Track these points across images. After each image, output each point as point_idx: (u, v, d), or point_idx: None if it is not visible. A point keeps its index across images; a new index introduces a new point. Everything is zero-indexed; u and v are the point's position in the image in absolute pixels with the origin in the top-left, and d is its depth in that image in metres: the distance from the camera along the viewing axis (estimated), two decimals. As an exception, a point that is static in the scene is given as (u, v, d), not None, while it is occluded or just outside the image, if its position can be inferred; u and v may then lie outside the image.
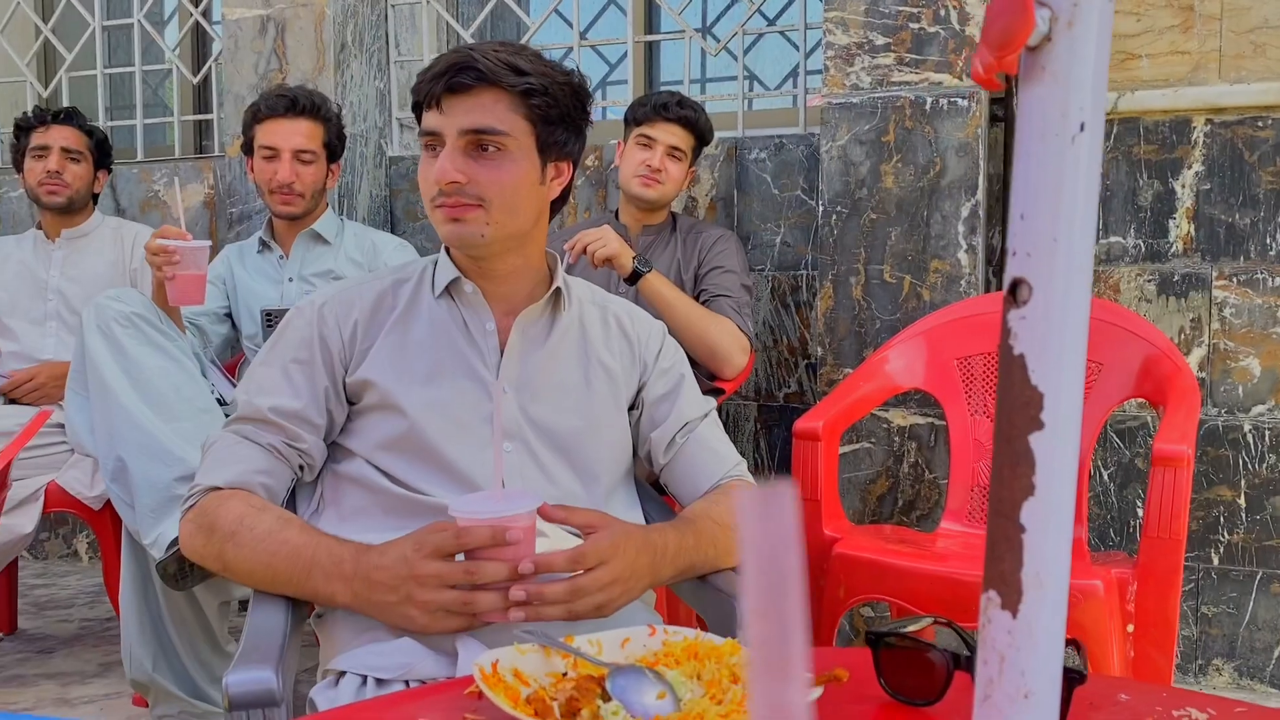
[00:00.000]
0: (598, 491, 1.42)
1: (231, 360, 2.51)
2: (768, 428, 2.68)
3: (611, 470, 1.44)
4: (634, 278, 2.13)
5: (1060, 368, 0.45)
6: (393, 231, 2.98)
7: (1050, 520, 0.47)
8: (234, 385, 2.17)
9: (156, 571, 1.81)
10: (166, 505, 1.84)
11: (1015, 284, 0.45)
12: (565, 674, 0.82)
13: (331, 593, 1.18)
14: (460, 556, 1.12)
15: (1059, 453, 0.46)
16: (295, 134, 2.34)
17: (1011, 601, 0.47)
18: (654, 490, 1.59)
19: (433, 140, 1.27)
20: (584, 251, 2.12)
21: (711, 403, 1.55)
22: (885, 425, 2.33)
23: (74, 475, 2.38)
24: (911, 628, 0.86)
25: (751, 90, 2.82)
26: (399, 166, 2.99)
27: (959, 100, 2.26)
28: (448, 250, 1.43)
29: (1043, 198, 0.45)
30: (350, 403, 1.37)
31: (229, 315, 2.47)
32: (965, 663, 0.80)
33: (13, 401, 2.53)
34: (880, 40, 2.30)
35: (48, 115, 2.63)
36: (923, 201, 2.29)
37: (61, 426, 2.54)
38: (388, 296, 1.40)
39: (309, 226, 2.45)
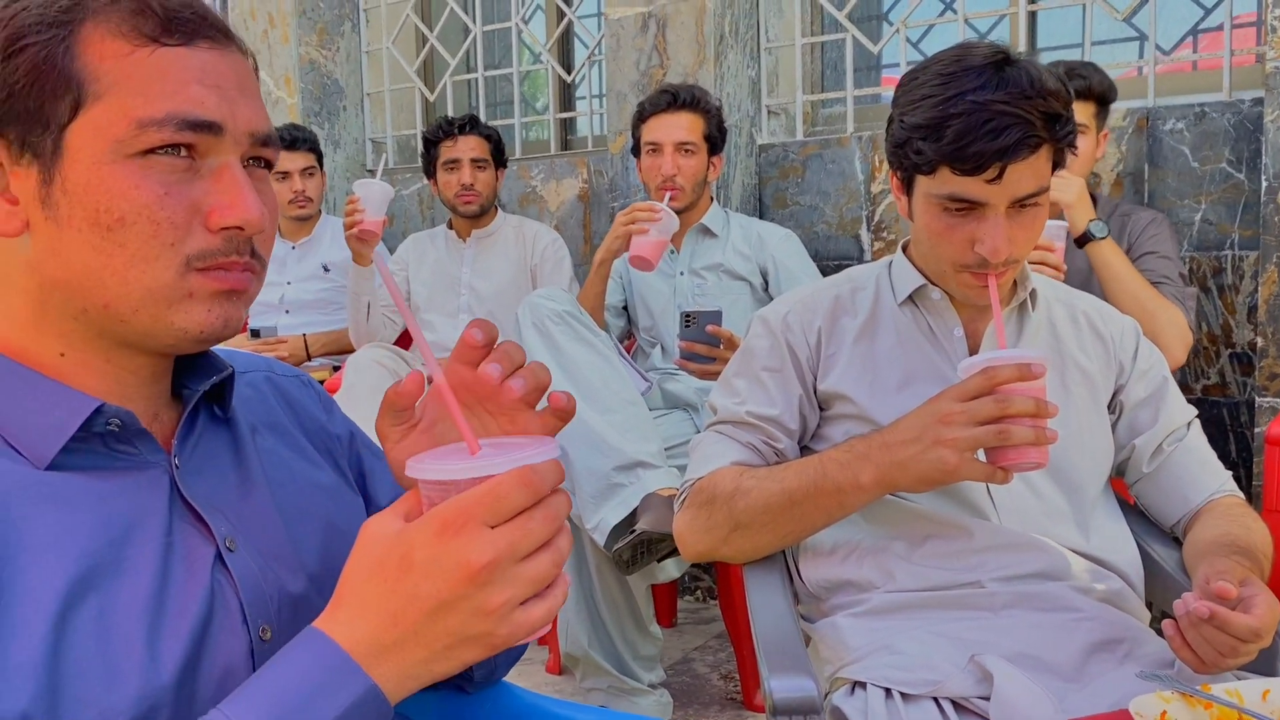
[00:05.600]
0: (1082, 504, 1.36)
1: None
2: (1179, 422, 2.47)
3: (1094, 480, 1.38)
4: (1083, 240, 1.97)
5: None
6: (761, 219, 2.99)
7: None
8: (643, 377, 2.26)
9: (610, 557, 1.92)
10: (606, 493, 1.95)
11: None
12: (1218, 727, 0.77)
13: (854, 476, 1.20)
14: None
15: None
16: (677, 128, 2.40)
17: None
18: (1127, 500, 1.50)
19: (965, 208, 1.20)
20: None
21: (1194, 409, 1.44)
22: (1342, 425, 2.08)
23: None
24: None
25: (1142, 55, 2.59)
26: (768, 154, 3.00)
27: None
28: (904, 249, 1.41)
29: None
30: (821, 408, 1.39)
31: (625, 309, 2.58)
32: None
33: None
34: (1344, -9, 2.04)
35: (454, 126, 2.79)
36: (1396, 173, 2.01)
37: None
38: (846, 302, 1.40)
39: (698, 221, 2.50)
